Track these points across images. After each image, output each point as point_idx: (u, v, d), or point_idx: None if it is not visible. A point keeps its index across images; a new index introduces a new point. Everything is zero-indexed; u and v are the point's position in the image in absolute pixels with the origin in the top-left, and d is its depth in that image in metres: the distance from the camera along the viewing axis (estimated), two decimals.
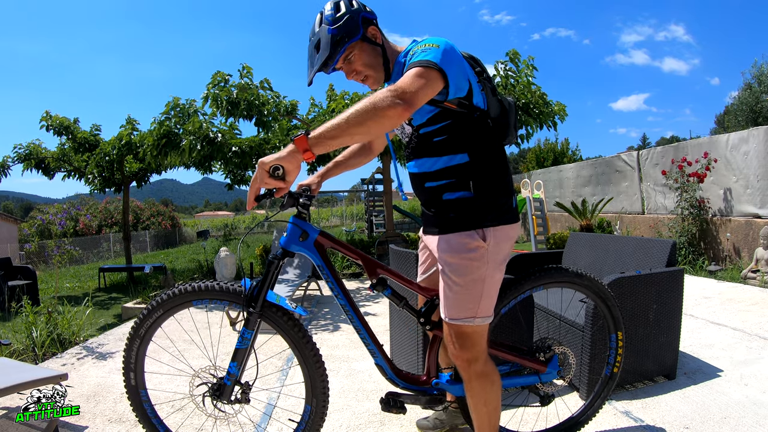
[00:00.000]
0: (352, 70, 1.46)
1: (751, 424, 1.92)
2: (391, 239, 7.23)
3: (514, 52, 5.68)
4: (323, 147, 1.21)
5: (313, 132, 1.21)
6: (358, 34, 1.39)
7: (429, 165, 1.47)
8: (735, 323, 3.38)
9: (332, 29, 1.36)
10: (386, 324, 3.08)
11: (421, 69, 1.23)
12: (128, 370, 1.54)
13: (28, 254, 14.87)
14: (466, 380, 1.49)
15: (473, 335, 1.43)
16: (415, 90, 1.19)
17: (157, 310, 1.50)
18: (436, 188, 1.46)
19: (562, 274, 1.68)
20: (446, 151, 1.42)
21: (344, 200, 33.43)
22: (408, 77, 1.21)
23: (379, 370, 1.59)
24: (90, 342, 3.76)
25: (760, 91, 14.99)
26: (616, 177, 8.88)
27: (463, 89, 1.35)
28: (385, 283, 1.54)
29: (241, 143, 6.02)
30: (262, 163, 1.24)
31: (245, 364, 1.51)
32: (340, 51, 1.39)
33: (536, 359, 1.69)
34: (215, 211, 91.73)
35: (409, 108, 1.18)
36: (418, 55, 1.28)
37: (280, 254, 1.49)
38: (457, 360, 1.46)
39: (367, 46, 1.43)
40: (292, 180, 1.27)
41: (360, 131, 1.18)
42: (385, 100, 1.16)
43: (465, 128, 1.41)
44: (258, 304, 1.46)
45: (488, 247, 1.39)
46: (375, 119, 1.16)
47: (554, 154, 20.14)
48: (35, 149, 7.63)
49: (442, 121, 1.41)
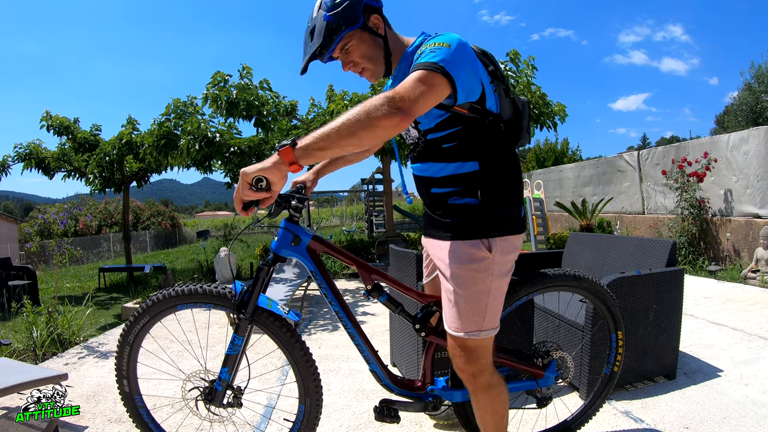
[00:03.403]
0: (349, 60, 1.34)
1: (751, 424, 1.92)
2: (391, 239, 7.23)
3: (514, 52, 5.69)
4: (311, 159, 1.11)
5: (300, 142, 1.11)
6: (358, 22, 1.26)
7: (436, 170, 1.37)
8: (735, 323, 3.38)
9: (328, 15, 1.24)
10: (386, 324, 3.08)
11: (425, 73, 1.11)
12: (121, 377, 1.53)
13: (28, 254, 14.87)
14: (472, 393, 1.43)
15: (478, 348, 1.37)
16: (415, 98, 1.08)
17: (143, 317, 1.48)
18: (443, 194, 1.38)
19: (559, 278, 1.65)
20: (456, 158, 1.32)
21: (344, 200, 33.42)
22: (409, 82, 1.10)
23: (374, 376, 1.57)
24: (90, 342, 3.77)
25: (760, 91, 14.98)
26: (617, 177, 8.87)
27: (475, 93, 1.24)
28: (380, 289, 1.50)
29: (240, 143, 6.02)
30: (243, 174, 1.15)
31: (237, 369, 1.49)
32: (335, 40, 1.27)
33: (534, 365, 1.66)
34: (215, 211, 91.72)
35: (407, 118, 1.07)
36: (425, 55, 1.16)
37: (271, 259, 1.43)
38: (462, 374, 1.41)
39: (368, 37, 1.30)
40: (279, 189, 1.18)
41: (352, 142, 1.08)
42: (381, 108, 1.06)
43: (476, 135, 1.30)
44: (248, 309, 1.41)
45: (494, 258, 1.31)
46: (368, 129, 1.06)
47: (554, 154, 20.15)
48: (35, 149, 7.62)
49: (452, 126, 1.30)
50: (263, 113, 5.29)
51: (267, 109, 5.39)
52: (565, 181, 11.11)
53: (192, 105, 5.67)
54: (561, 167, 11.92)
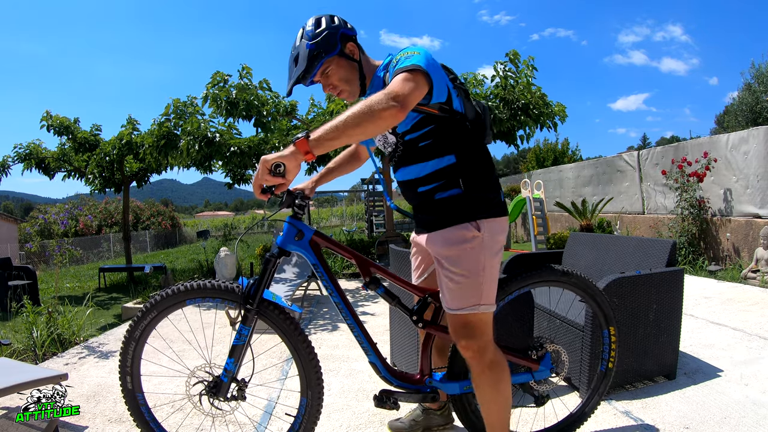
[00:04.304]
0: (329, 83, 1.51)
1: (751, 424, 1.92)
2: (391, 239, 7.23)
3: (514, 52, 5.68)
4: (323, 148, 1.26)
5: (312, 134, 1.26)
6: (336, 50, 1.45)
7: (418, 171, 1.52)
8: (735, 323, 3.38)
9: (310, 44, 1.42)
10: (386, 324, 3.08)
11: (409, 73, 1.28)
12: (124, 374, 1.54)
13: (28, 254, 14.87)
14: (479, 372, 1.48)
15: (479, 324, 1.46)
16: (407, 92, 1.25)
17: (151, 312, 1.50)
18: (429, 191, 1.51)
19: (549, 273, 1.71)
20: (433, 155, 1.48)
21: (344, 200, 33.44)
22: (398, 81, 1.27)
23: (373, 368, 1.62)
24: (90, 342, 3.77)
25: (760, 91, 14.98)
26: (617, 177, 8.88)
27: (443, 94, 1.41)
28: (377, 282, 1.58)
29: (240, 143, 6.02)
30: (264, 161, 1.29)
31: (242, 360, 1.54)
32: (316, 66, 1.44)
33: (528, 357, 1.71)
34: (215, 211, 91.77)
35: (403, 110, 1.23)
36: (402, 61, 1.33)
37: (276, 253, 1.52)
38: (467, 352, 1.47)
39: (344, 62, 1.49)
40: (292, 178, 1.32)
41: (357, 132, 1.24)
42: (381, 102, 1.22)
43: (449, 131, 1.47)
44: (255, 301, 1.48)
45: (483, 237, 1.44)
46: (371, 120, 1.22)
47: (554, 154, 20.15)
48: (35, 149, 7.62)
49: (426, 126, 1.47)
50: (263, 113, 5.29)
51: (267, 109, 5.39)
52: (565, 181, 11.11)
53: (192, 105, 5.67)
54: (561, 167, 11.92)
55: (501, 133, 6.14)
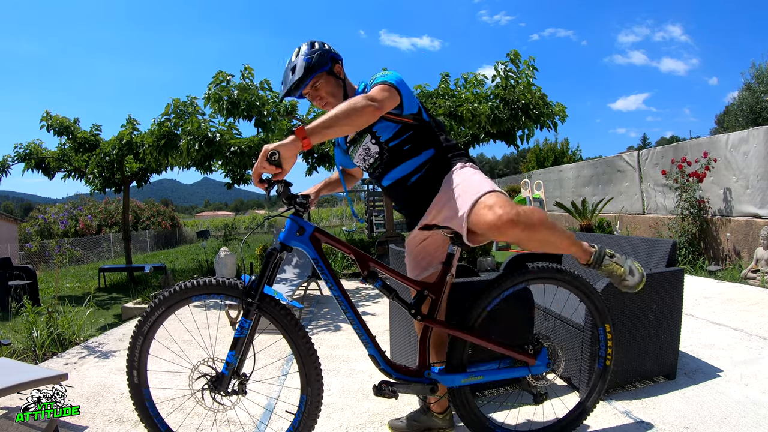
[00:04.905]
0: (317, 95, 1.75)
1: (751, 425, 1.92)
2: (391, 239, 7.22)
3: (515, 52, 5.67)
4: (319, 136, 1.42)
5: (309, 124, 1.43)
6: (326, 66, 1.72)
7: (405, 168, 1.73)
8: (735, 323, 3.38)
9: (307, 58, 1.70)
10: (386, 324, 3.09)
11: (384, 85, 1.58)
12: (132, 368, 1.57)
13: (28, 254, 14.87)
14: (528, 238, 1.44)
15: (498, 200, 1.47)
16: (382, 98, 1.53)
17: (159, 308, 1.55)
18: (418, 179, 1.73)
19: (542, 271, 1.74)
20: (416, 152, 1.73)
21: (344, 200, 33.45)
22: (375, 89, 1.56)
23: (372, 360, 1.66)
24: (90, 342, 3.77)
25: (760, 91, 14.98)
26: (617, 177, 8.87)
27: (414, 106, 1.70)
28: (375, 276, 1.64)
29: (240, 143, 6.02)
30: (264, 149, 1.41)
31: (243, 354, 1.57)
32: (310, 76, 1.69)
33: (525, 352, 1.75)
34: (215, 211, 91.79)
35: (379, 110, 1.51)
36: (378, 78, 1.63)
37: (279, 248, 1.58)
38: (506, 225, 1.41)
39: (332, 79, 1.75)
40: (288, 168, 1.44)
41: (347, 122, 1.46)
42: (363, 101, 1.49)
43: (424, 135, 1.74)
44: (257, 294, 1.54)
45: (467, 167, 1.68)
46: (357, 114, 1.46)
47: (554, 155, 20.16)
48: (35, 149, 7.62)
49: (405, 133, 1.72)
50: (264, 113, 5.29)
51: (267, 109, 5.38)
52: (565, 181, 11.11)
53: (192, 105, 5.66)
54: (561, 167, 11.92)
55: (501, 133, 6.14)
